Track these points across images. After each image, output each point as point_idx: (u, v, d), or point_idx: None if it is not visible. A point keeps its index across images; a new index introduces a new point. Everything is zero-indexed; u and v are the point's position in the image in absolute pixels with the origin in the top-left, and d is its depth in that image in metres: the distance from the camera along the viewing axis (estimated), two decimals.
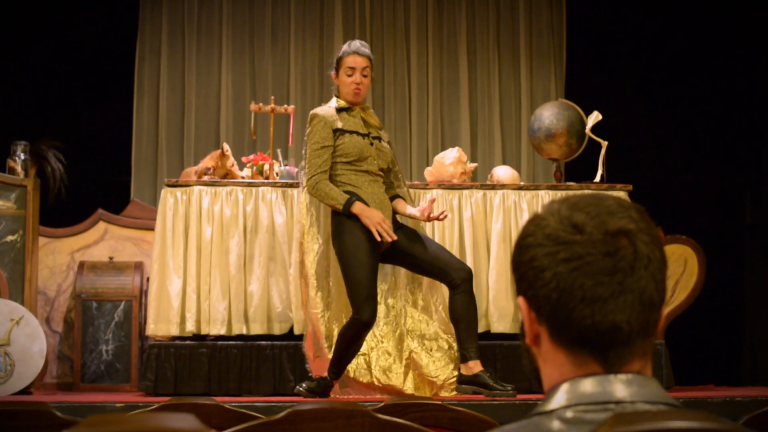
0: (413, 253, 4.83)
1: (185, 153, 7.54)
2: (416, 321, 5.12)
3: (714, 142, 7.69)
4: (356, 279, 4.65)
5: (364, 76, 4.85)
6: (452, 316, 4.78)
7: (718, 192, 7.71)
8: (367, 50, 4.90)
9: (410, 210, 4.90)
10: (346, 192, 4.73)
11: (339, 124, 4.82)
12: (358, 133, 4.83)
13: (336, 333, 4.87)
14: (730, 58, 7.61)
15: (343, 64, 4.86)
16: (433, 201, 4.84)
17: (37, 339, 5.72)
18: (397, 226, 4.87)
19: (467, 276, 4.76)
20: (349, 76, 4.84)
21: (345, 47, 4.92)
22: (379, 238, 4.64)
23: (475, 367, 4.73)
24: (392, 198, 4.93)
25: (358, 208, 4.67)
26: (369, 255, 4.67)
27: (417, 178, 7.16)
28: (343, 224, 4.71)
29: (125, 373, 6.25)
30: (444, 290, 5.07)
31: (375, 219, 4.65)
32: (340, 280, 4.86)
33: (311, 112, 4.90)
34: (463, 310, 4.73)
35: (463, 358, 4.77)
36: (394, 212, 4.91)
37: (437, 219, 4.81)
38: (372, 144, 4.86)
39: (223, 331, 5.44)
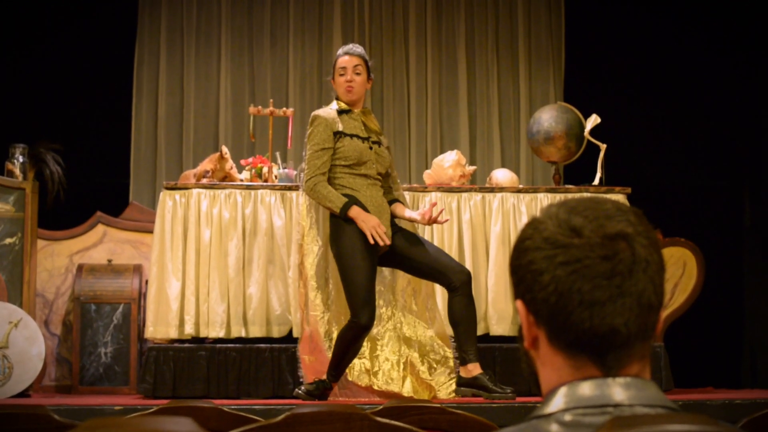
0: (412, 256, 4.83)
1: (184, 156, 7.54)
2: (413, 326, 5.12)
3: (712, 145, 7.69)
4: (354, 282, 4.65)
5: (357, 74, 4.89)
6: (451, 318, 4.79)
7: (717, 194, 7.71)
8: (358, 50, 4.96)
9: (409, 213, 4.90)
10: (344, 195, 4.74)
11: (340, 127, 4.83)
12: (358, 137, 4.84)
13: (335, 334, 4.87)
14: (728, 61, 7.61)
15: (336, 67, 4.93)
16: (434, 205, 4.84)
17: (35, 342, 5.72)
18: (396, 230, 4.87)
19: (466, 279, 4.76)
20: (342, 75, 4.89)
21: (337, 52, 5.01)
22: (372, 242, 4.65)
23: (474, 369, 4.74)
24: (391, 202, 4.94)
25: (354, 211, 4.68)
26: (367, 259, 4.68)
27: (416, 181, 7.16)
28: (341, 227, 4.72)
29: (124, 375, 6.25)
30: (442, 295, 5.08)
31: (370, 223, 4.66)
32: (339, 282, 4.86)
33: (313, 113, 4.91)
34: (462, 312, 4.73)
35: (463, 361, 4.77)
36: (393, 216, 4.92)
37: (437, 222, 4.82)
38: (371, 148, 4.87)
39: (221, 334, 5.43)
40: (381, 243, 4.65)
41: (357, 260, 4.66)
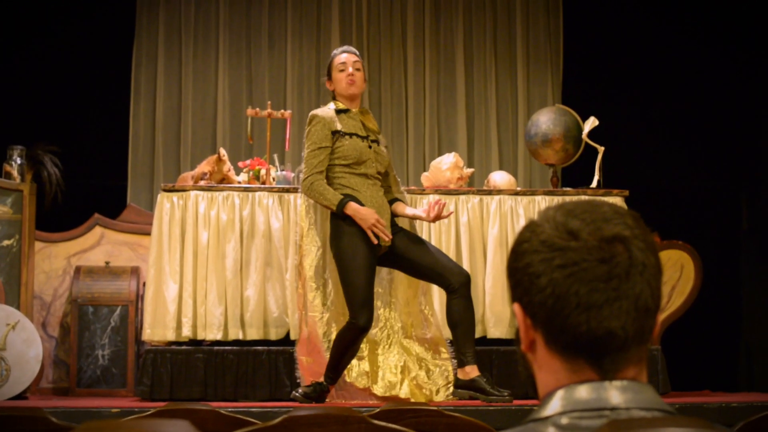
0: (412, 257, 4.83)
1: (182, 158, 7.53)
2: (410, 328, 5.12)
3: (711, 148, 7.69)
4: (353, 283, 4.65)
5: (357, 70, 4.92)
6: (450, 320, 4.79)
7: (715, 197, 7.71)
8: (354, 49, 5.06)
9: (412, 210, 4.92)
10: (342, 194, 4.74)
11: (338, 126, 4.83)
12: (357, 136, 4.85)
13: (334, 335, 4.87)
14: (726, 64, 7.62)
15: (334, 64, 4.95)
16: (437, 202, 4.83)
17: (33, 344, 5.71)
18: (396, 230, 4.88)
19: (465, 281, 4.77)
20: (342, 71, 4.91)
21: (333, 52, 5.07)
22: (375, 241, 4.64)
23: (472, 371, 4.74)
24: (391, 202, 4.94)
25: (351, 209, 4.68)
26: (366, 259, 4.68)
27: (414, 184, 7.15)
28: (341, 227, 4.72)
29: (121, 378, 6.24)
30: (440, 298, 5.08)
31: (369, 220, 4.66)
32: (338, 283, 4.87)
33: (311, 112, 4.92)
34: (460, 314, 4.74)
35: (460, 363, 4.77)
36: (394, 215, 4.92)
37: (442, 217, 4.81)
38: (370, 147, 4.87)
39: (219, 336, 5.43)
40: (385, 238, 4.65)
41: (357, 261, 4.66)
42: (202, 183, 5.63)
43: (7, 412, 2.26)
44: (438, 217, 4.82)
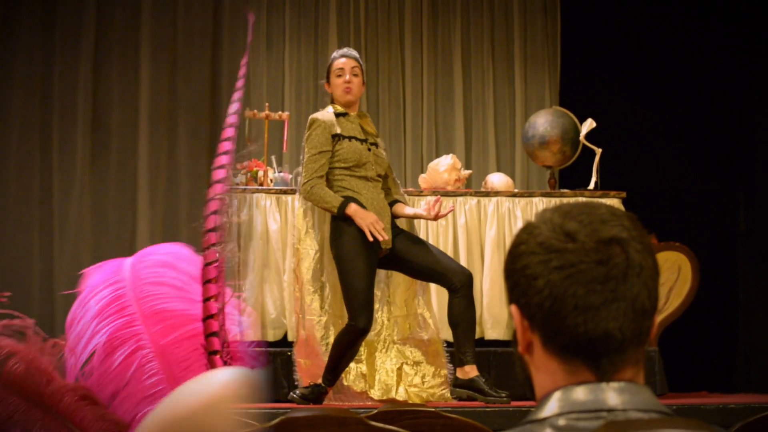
0: (413, 258, 4.83)
1: None
2: (407, 331, 5.12)
3: (708, 149, 7.70)
4: (353, 286, 4.65)
5: (355, 75, 4.90)
6: (450, 319, 4.79)
7: (712, 199, 7.71)
8: (353, 53, 5.00)
9: (411, 210, 4.91)
10: (342, 196, 4.74)
11: (338, 130, 4.83)
12: (356, 139, 4.85)
13: (332, 338, 4.87)
14: (723, 66, 7.62)
15: (333, 69, 4.93)
16: (437, 200, 4.83)
17: None
18: (397, 232, 4.87)
19: (467, 281, 4.77)
20: (339, 77, 4.89)
21: (333, 55, 5.02)
22: (371, 239, 4.64)
23: (471, 371, 4.74)
24: (391, 204, 4.94)
25: (352, 209, 4.68)
26: (366, 262, 4.68)
27: (411, 185, 7.15)
28: (341, 230, 4.72)
29: None
30: (438, 300, 5.08)
31: (368, 220, 4.66)
32: (336, 286, 4.86)
33: (311, 116, 4.91)
34: (461, 314, 4.74)
35: (460, 362, 4.77)
36: (395, 216, 4.92)
37: (442, 215, 4.81)
38: (369, 150, 4.87)
39: None
40: (380, 238, 4.65)
41: (356, 263, 4.66)
42: None
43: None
44: (439, 215, 4.82)
